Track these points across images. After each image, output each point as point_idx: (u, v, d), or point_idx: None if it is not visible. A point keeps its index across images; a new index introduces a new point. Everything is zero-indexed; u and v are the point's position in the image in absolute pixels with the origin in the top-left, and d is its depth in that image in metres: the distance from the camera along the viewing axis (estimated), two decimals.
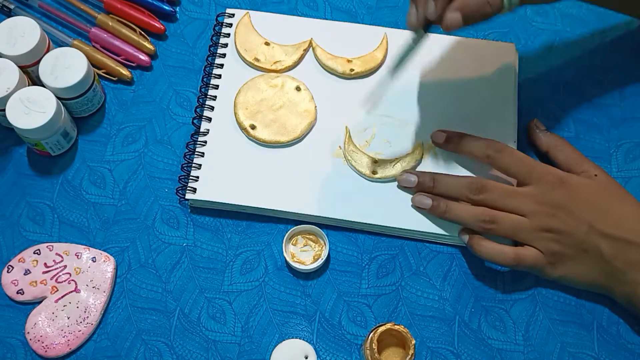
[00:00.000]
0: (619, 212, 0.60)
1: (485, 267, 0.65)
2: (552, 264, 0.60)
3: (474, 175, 0.65)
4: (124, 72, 0.72)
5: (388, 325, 0.57)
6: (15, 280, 0.63)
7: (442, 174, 0.64)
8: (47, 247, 0.65)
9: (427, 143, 0.68)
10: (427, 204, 0.63)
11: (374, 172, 0.66)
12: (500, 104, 0.69)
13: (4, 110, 0.64)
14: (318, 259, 0.63)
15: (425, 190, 0.64)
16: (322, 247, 0.64)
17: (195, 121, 0.70)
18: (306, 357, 0.61)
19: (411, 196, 0.65)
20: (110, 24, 0.73)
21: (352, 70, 0.71)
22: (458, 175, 0.64)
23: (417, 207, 0.64)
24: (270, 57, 0.72)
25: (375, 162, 0.66)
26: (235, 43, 0.72)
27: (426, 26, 0.58)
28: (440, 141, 0.66)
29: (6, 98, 0.64)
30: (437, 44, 0.72)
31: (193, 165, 0.67)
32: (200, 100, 0.70)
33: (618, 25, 0.75)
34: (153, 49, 0.73)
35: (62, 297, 0.63)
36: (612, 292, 0.61)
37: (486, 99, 0.69)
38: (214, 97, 0.70)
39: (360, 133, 0.69)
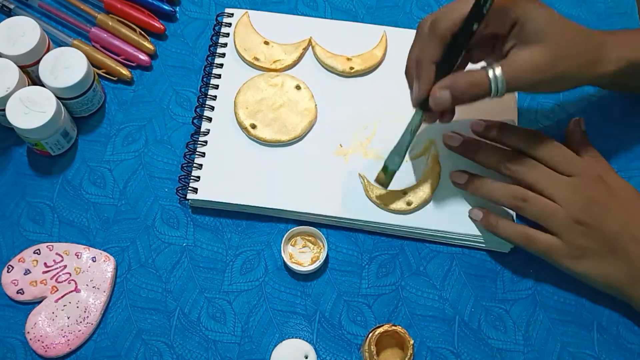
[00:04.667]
0: None
1: (485, 267, 0.65)
2: (575, 257, 0.59)
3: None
4: (124, 72, 0.72)
5: (386, 327, 0.57)
6: (15, 280, 0.63)
7: (485, 141, 0.65)
8: (47, 247, 0.65)
9: (433, 140, 0.68)
10: (464, 177, 0.64)
11: (409, 204, 0.65)
12: (501, 104, 0.69)
13: (4, 110, 0.64)
14: (316, 260, 0.63)
15: (466, 152, 0.65)
16: (320, 249, 0.64)
17: (195, 121, 0.70)
18: (306, 357, 0.61)
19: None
20: (110, 23, 0.73)
21: (351, 68, 0.71)
22: (500, 146, 0.64)
23: (453, 183, 0.65)
24: (269, 56, 0.72)
25: (405, 193, 0.65)
26: (234, 43, 0.72)
27: (424, 105, 0.60)
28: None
29: (6, 98, 0.64)
30: None
31: (194, 165, 0.67)
32: (200, 100, 0.70)
33: (618, 25, 0.75)
34: (153, 48, 0.73)
35: (62, 297, 0.63)
36: (632, 298, 0.60)
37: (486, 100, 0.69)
38: (214, 97, 0.70)
39: (361, 130, 0.69)
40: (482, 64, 0.61)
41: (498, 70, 0.56)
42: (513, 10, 0.55)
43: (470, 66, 0.61)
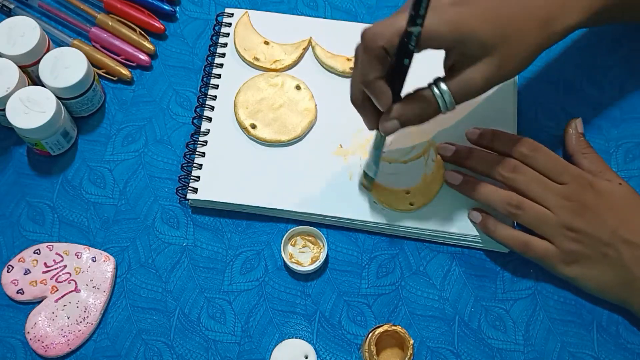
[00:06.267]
0: None
1: (485, 267, 0.65)
2: (569, 263, 0.60)
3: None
4: (124, 71, 0.72)
5: (386, 327, 0.57)
6: (15, 280, 0.63)
7: (478, 148, 0.65)
8: (47, 246, 0.65)
9: (433, 141, 0.68)
10: (458, 178, 0.64)
11: (412, 204, 0.65)
12: (501, 104, 0.69)
13: (4, 110, 0.64)
14: (316, 260, 0.63)
15: (459, 160, 0.65)
16: (320, 249, 0.64)
17: (195, 121, 0.70)
18: (306, 357, 0.61)
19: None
20: (110, 23, 0.73)
21: (351, 68, 0.70)
22: (493, 153, 0.64)
23: (447, 183, 0.65)
24: (269, 56, 0.72)
25: (407, 192, 0.65)
26: (234, 42, 0.72)
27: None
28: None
29: (6, 98, 0.64)
30: None
31: (194, 165, 0.67)
32: (200, 100, 0.70)
33: (618, 25, 0.75)
34: (153, 48, 0.73)
35: (62, 296, 0.63)
36: (629, 302, 0.61)
37: (486, 99, 0.69)
38: (214, 97, 0.70)
39: (361, 131, 0.68)
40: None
41: (445, 90, 0.54)
42: (447, 38, 0.52)
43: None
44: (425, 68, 0.55)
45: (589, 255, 0.60)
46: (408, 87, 0.56)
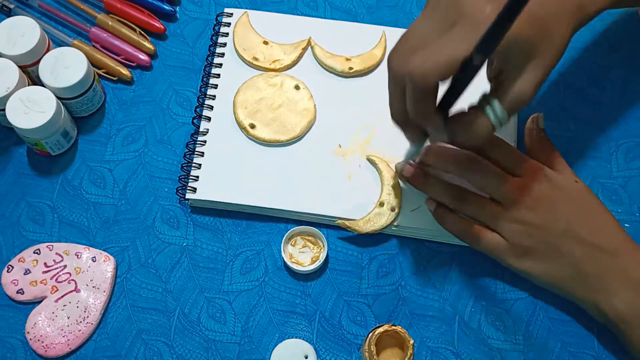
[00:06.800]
0: (597, 219, 0.60)
1: (485, 267, 0.65)
2: (519, 256, 0.60)
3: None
4: (124, 71, 0.72)
5: (386, 327, 0.57)
6: (15, 280, 0.63)
7: (439, 145, 0.62)
8: (47, 246, 0.65)
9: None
10: (410, 170, 0.63)
11: (393, 209, 0.65)
12: None
13: (4, 110, 0.64)
14: (316, 260, 0.63)
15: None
16: (320, 249, 0.64)
17: (195, 121, 0.70)
18: (306, 357, 0.61)
19: (412, 196, 0.65)
20: (110, 23, 0.73)
21: (350, 68, 0.71)
22: (451, 147, 0.61)
23: (400, 176, 0.64)
24: (269, 56, 0.72)
25: (382, 205, 0.65)
26: (233, 42, 0.72)
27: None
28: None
29: (6, 98, 0.64)
30: None
31: (193, 164, 0.67)
32: (200, 99, 0.70)
33: (618, 25, 0.75)
34: (153, 48, 0.73)
35: (62, 296, 0.63)
36: (580, 299, 0.60)
37: None
38: (214, 97, 0.70)
39: (360, 131, 0.69)
40: None
41: (497, 107, 0.52)
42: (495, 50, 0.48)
43: None
44: None
45: (541, 250, 0.59)
46: None
